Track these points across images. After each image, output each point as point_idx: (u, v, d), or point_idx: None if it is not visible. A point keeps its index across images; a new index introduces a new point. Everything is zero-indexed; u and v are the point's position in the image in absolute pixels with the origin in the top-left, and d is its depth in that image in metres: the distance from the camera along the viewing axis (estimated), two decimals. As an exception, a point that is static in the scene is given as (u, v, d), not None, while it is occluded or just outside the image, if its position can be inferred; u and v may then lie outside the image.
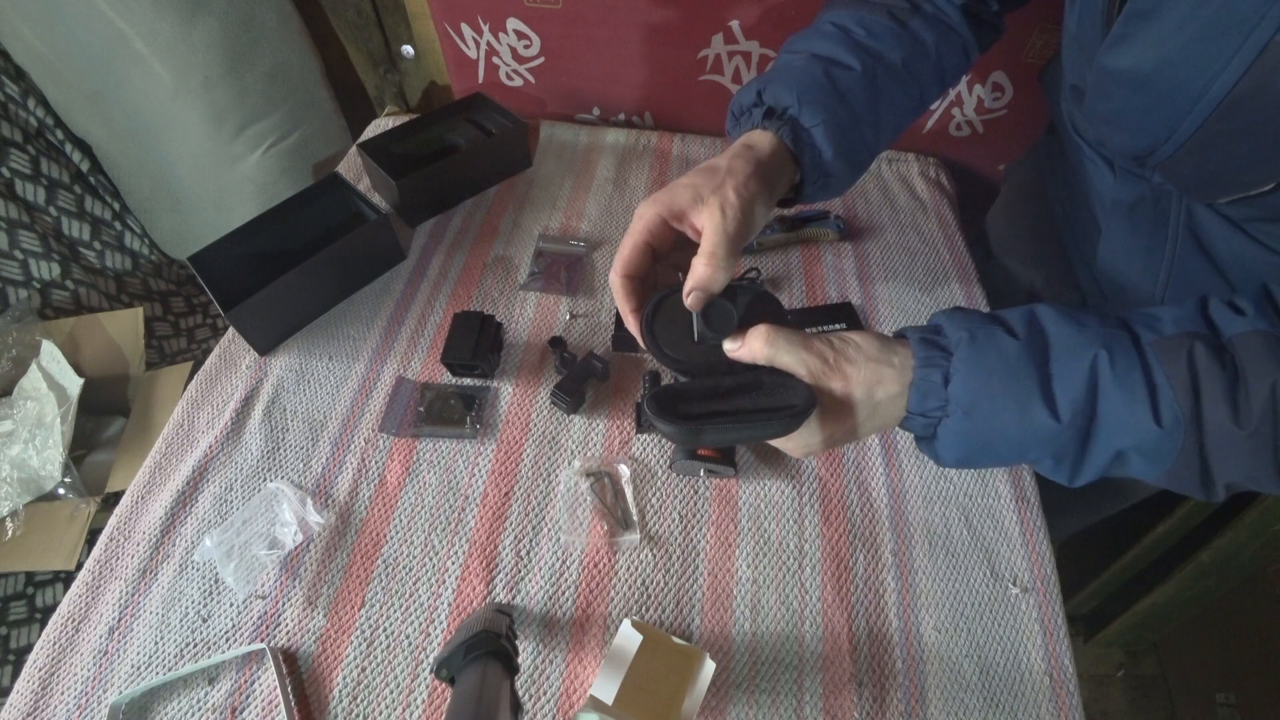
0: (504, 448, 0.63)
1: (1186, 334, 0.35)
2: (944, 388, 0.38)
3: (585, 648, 0.52)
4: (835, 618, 0.54)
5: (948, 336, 0.38)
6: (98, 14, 0.88)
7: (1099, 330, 0.37)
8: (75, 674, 0.51)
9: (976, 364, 0.37)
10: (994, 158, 0.95)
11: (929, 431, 0.39)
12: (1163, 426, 0.35)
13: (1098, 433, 0.36)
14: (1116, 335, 0.36)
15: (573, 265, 0.78)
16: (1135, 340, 0.36)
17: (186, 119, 0.98)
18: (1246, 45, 0.33)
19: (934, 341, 0.38)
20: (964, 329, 0.38)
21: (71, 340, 1.03)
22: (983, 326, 0.38)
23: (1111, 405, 0.36)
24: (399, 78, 1.00)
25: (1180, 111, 0.38)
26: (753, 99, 0.47)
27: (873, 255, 0.80)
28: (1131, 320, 0.37)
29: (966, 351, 0.37)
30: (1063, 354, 0.37)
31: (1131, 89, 0.42)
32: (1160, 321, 0.37)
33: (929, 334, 0.39)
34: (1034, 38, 0.78)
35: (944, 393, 0.38)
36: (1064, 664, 0.52)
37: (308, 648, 0.52)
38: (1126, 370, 0.35)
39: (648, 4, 0.82)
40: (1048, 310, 0.38)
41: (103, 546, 0.57)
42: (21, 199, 1.04)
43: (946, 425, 0.38)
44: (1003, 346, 0.37)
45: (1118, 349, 0.36)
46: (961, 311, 0.40)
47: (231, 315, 0.64)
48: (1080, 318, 0.38)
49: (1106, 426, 0.36)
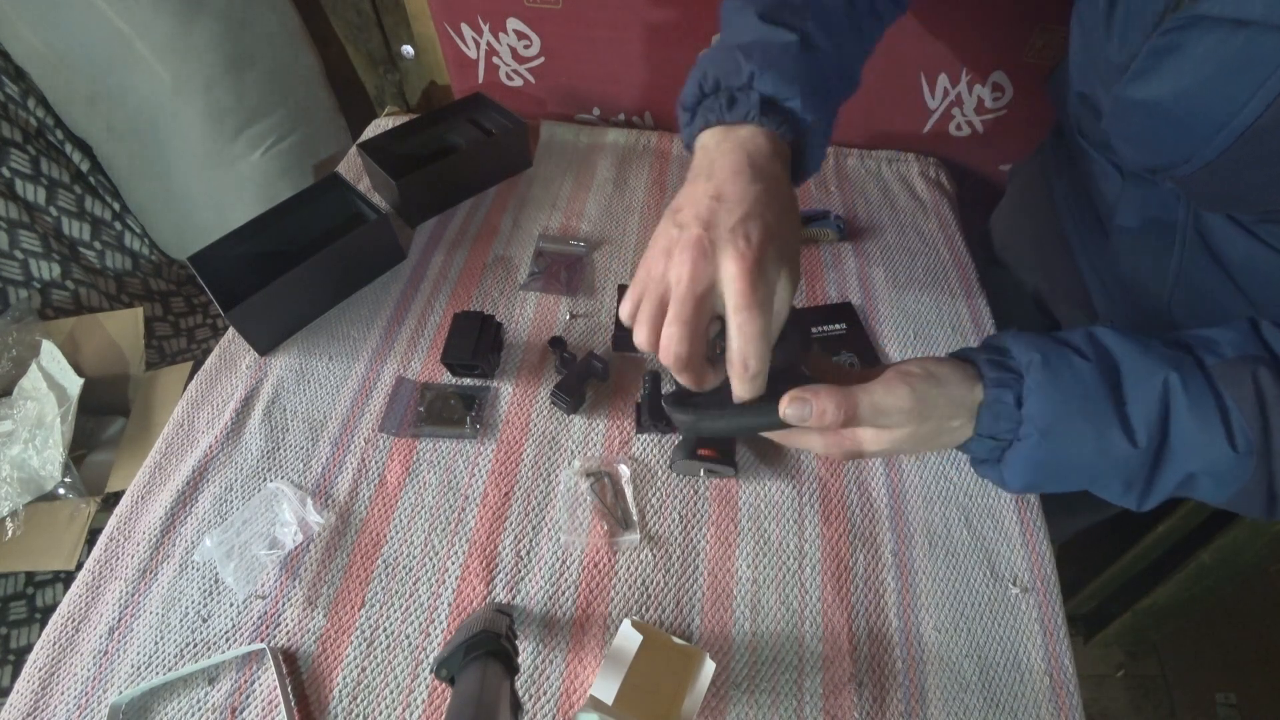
0: (504, 448, 0.63)
1: (1248, 357, 0.35)
2: (1018, 409, 0.36)
3: (585, 648, 0.52)
4: (835, 618, 0.54)
5: (1016, 358, 0.37)
6: (98, 14, 0.88)
7: (1164, 352, 0.36)
8: (75, 674, 0.51)
9: (1053, 386, 0.36)
10: (994, 158, 0.95)
11: (995, 454, 0.38)
12: (1238, 450, 0.34)
13: (1170, 457, 0.35)
14: (1182, 358, 0.36)
15: (573, 265, 0.78)
16: (1200, 363, 0.36)
17: (186, 119, 0.98)
18: (1271, 80, 0.33)
19: (1002, 363, 0.37)
20: (1035, 350, 0.37)
21: (71, 340, 1.03)
22: (1054, 348, 0.37)
23: (1184, 429, 0.35)
24: (399, 78, 1.00)
25: (1199, 140, 0.38)
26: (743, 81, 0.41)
27: (873, 255, 0.80)
28: (1189, 343, 0.37)
29: (1041, 374, 0.36)
30: (1133, 377, 0.36)
31: (1151, 117, 0.41)
32: (1218, 345, 0.36)
33: (995, 355, 0.38)
34: (1034, 37, 0.78)
35: (1018, 414, 0.36)
36: (1064, 664, 0.52)
37: (308, 648, 0.52)
38: (1199, 394, 0.35)
39: (648, 4, 0.82)
40: (1107, 332, 0.37)
41: (103, 546, 0.57)
42: (21, 199, 1.04)
43: (1018, 449, 0.37)
44: (1077, 369, 0.36)
45: (1187, 371, 0.35)
46: (1023, 333, 0.39)
47: (231, 315, 0.64)
48: (1142, 339, 0.37)
49: (1179, 450, 0.35)
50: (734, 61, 0.41)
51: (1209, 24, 0.35)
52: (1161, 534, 0.98)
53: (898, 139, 0.93)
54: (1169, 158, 0.42)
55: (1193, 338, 0.37)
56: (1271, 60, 0.33)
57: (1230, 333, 0.37)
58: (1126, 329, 0.38)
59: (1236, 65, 0.34)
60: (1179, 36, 0.37)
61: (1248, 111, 0.35)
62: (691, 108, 0.43)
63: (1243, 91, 0.34)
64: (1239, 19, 0.34)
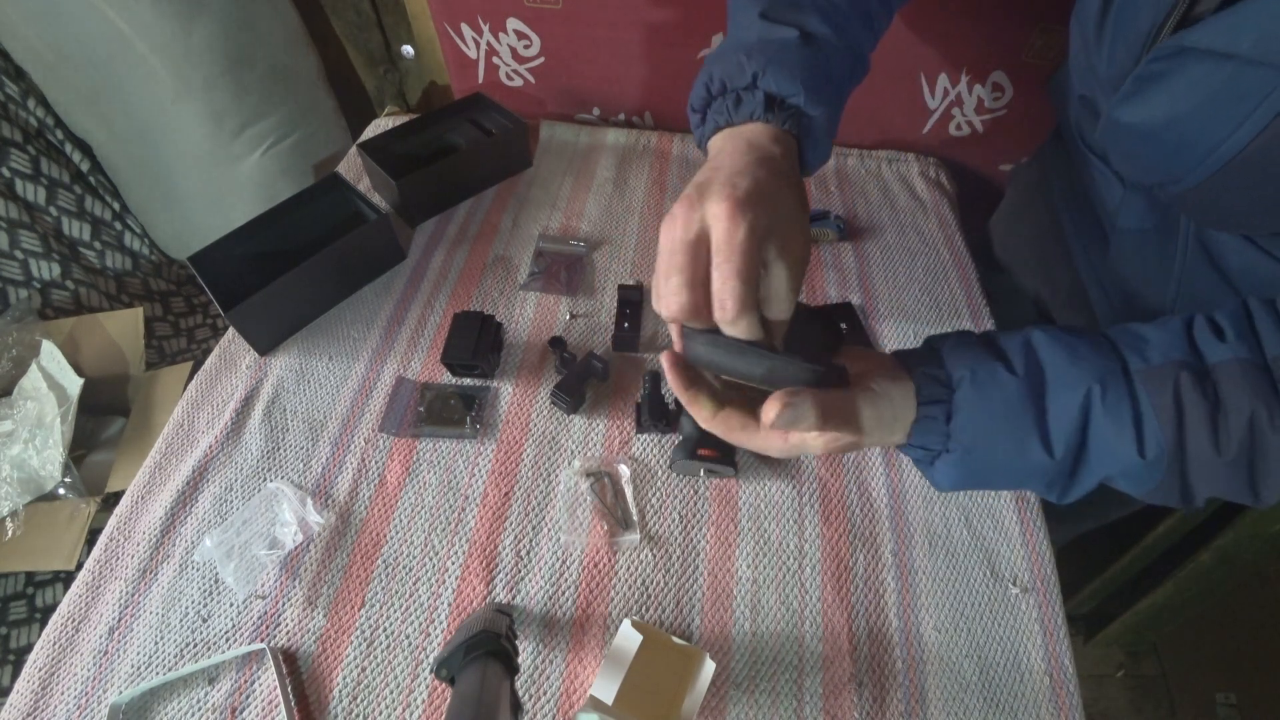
0: (504, 448, 0.63)
1: (1173, 363, 0.36)
2: (945, 424, 0.38)
3: (585, 648, 0.52)
4: (835, 618, 0.54)
5: (949, 372, 0.39)
6: (98, 14, 0.88)
7: (1092, 361, 0.37)
8: (75, 674, 0.51)
9: (978, 403, 0.38)
10: (994, 158, 0.95)
11: (927, 460, 0.40)
12: (1146, 458, 0.36)
13: (1087, 462, 0.38)
14: (1109, 366, 0.37)
15: (573, 265, 0.78)
16: (1125, 369, 0.37)
17: (186, 119, 0.98)
18: (1259, 112, 0.33)
19: (935, 377, 0.39)
20: (965, 366, 0.38)
21: (71, 340, 1.03)
22: (983, 363, 0.38)
23: (1100, 437, 0.37)
24: (399, 78, 1.00)
25: (1189, 165, 0.39)
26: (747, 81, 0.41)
27: (873, 255, 0.80)
28: (1121, 343, 0.38)
29: (968, 391, 0.38)
30: (1058, 388, 0.37)
31: (1140, 139, 0.42)
32: (1148, 346, 0.37)
33: (932, 368, 0.39)
34: (1034, 37, 0.78)
35: (945, 429, 0.38)
36: (1064, 664, 0.52)
37: (308, 648, 0.52)
38: (1116, 403, 0.36)
39: (648, 4, 0.82)
40: (1043, 337, 0.39)
41: (103, 546, 0.57)
42: (21, 199, 1.04)
43: (945, 458, 0.39)
44: (1003, 385, 0.38)
45: (1110, 382, 0.37)
46: (965, 343, 0.40)
47: (231, 315, 0.64)
48: (1075, 347, 0.38)
49: (1095, 456, 0.37)
50: (737, 63, 0.42)
51: (1196, 55, 0.36)
52: (1161, 534, 0.98)
53: (898, 139, 0.93)
54: (1159, 177, 0.43)
55: (1126, 338, 0.38)
56: (1258, 93, 0.33)
57: (1162, 333, 0.38)
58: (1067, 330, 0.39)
59: (1223, 97, 0.35)
60: (1166, 65, 0.38)
61: (1233, 141, 0.35)
62: (701, 110, 0.44)
63: (1229, 122, 0.35)
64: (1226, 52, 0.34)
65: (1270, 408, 0.34)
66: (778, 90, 0.41)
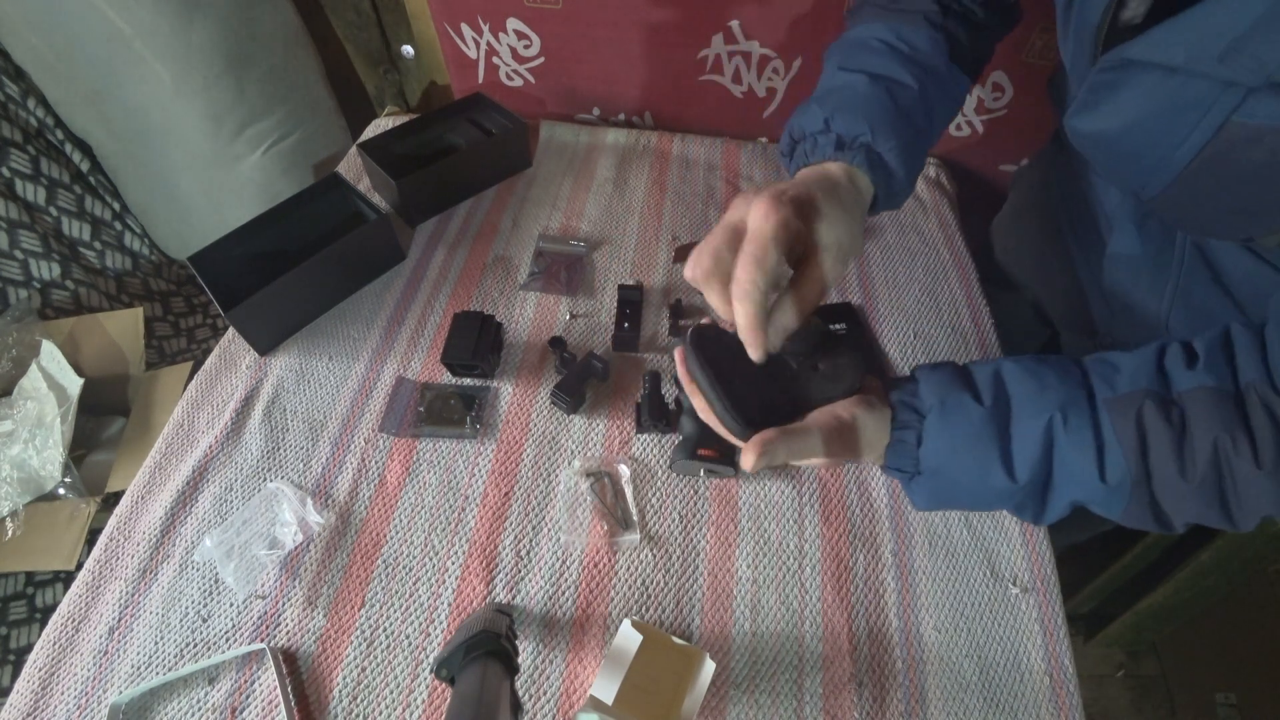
0: (504, 448, 0.63)
1: (1139, 391, 0.38)
2: (916, 449, 0.42)
3: (585, 648, 0.52)
4: (835, 618, 0.54)
5: (921, 400, 0.42)
6: (98, 14, 0.88)
7: (1058, 390, 0.40)
8: (75, 674, 0.51)
9: (944, 431, 0.41)
10: (994, 158, 0.95)
11: (904, 480, 0.44)
12: (1107, 483, 0.38)
13: (1054, 487, 0.40)
14: (1074, 395, 0.39)
15: (573, 265, 0.78)
16: (1090, 397, 0.39)
17: (186, 119, 0.98)
18: (1204, 123, 0.34)
19: (910, 404, 0.42)
20: (936, 395, 0.42)
21: (71, 340, 1.03)
22: (952, 393, 0.42)
23: (1064, 462, 0.39)
24: (399, 78, 1.00)
25: (1147, 173, 0.39)
26: (820, 126, 0.47)
27: (873, 255, 0.80)
28: (1091, 372, 0.40)
29: (936, 418, 0.41)
30: (1022, 415, 0.40)
31: (1102, 148, 0.43)
32: (1118, 375, 0.39)
33: (907, 396, 0.43)
34: (1034, 37, 0.78)
35: (916, 453, 0.42)
36: (1064, 664, 0.52)
37: (308, 648, 0.52)
38: (1078, 429, 0.38)
39: (648, 4, 0.82)
40: (1013, 368, 0.42)
41: (103, 546, 0.57)
42: (21, 199, 1.04)
43: (917, 479, 0.43)
44: (970, 414, 0.41)
45: (1072, 410, 0.39)
46: (939, 372, 0.43)
47: (231, 315, 0.64)
48: (1043, 376, 0.41)
49: (1061, 482, 0.40)
50: (813, 112, 0.48)
51: (1141, 66, 0.36)
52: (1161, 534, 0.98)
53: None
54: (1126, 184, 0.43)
55: (1098, 367, 0.40)
56: (1202, 104, 0.33)
57: (1134, 360, 0.39)
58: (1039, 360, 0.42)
59: (1170, 107, 0.35)
60: (1114, 75, 0.38)
61: (1184, 150, 0.36)
62: (789, 154, 0.50)
63: (1178, 132, 0.35)
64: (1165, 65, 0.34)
65: (1234, 435, 0.35)
66: (846, 131, 0.46)
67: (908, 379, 0.45)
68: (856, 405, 0.42)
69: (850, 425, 0.41)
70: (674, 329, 0.71)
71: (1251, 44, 0.30)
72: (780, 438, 0.40)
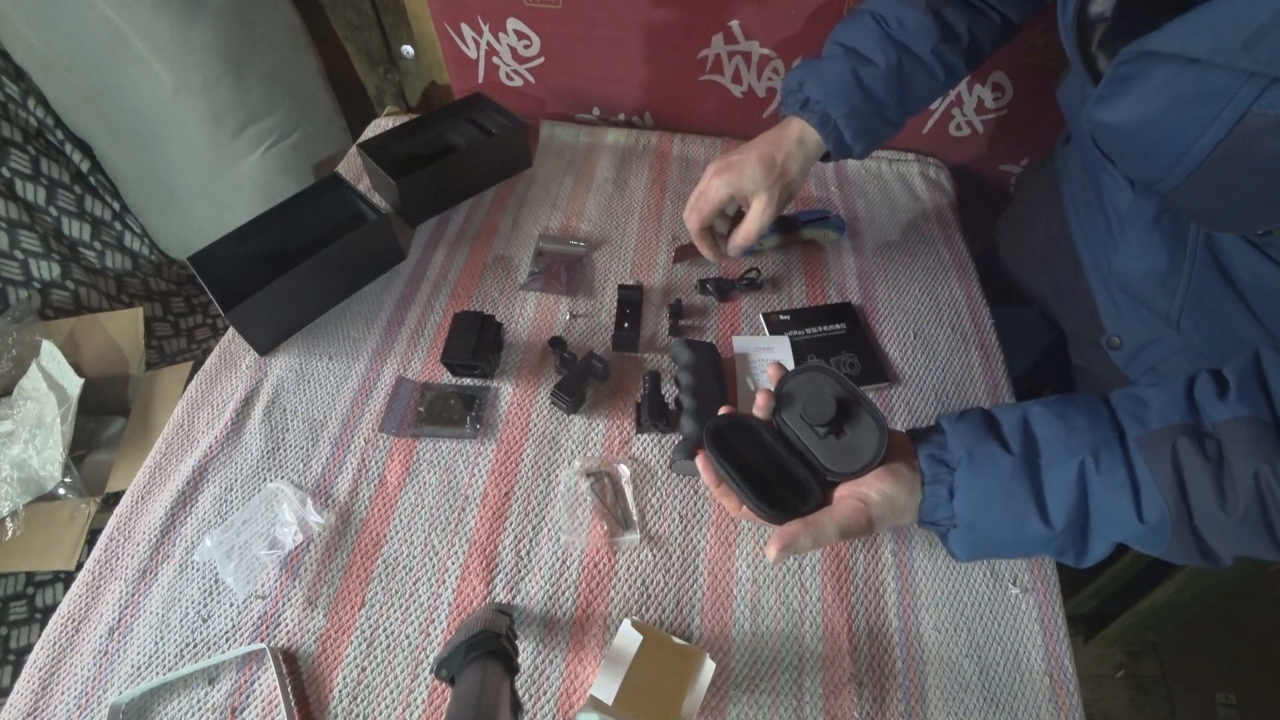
0: (504, 448, 0.63)
1: (1171, 427, 0.37)
2: (949, 501, 0.42)
3: (585, 648, 0.52)
4: (835, 618, 0.54)
5: (950, 452, 0.42)
6: (98, 14, 0.88)
7: (1087, 433, 0.39)
8: (75, 674, 0.51)
9: (975, 484, 0.41)
10: (994, 158, 0.95)
11: (941, 533, 0.44)
12: (1145, 523, 0.37)
13: (1092, 530, 0.40)
14: (1104, 435, 0.39)
15: (573, 265, 0.78)
16: (1122, 437, 0.38)
17: (186, 119, 0.98)
18: (1224, 114, 0.34)
19: (939, 458, 0.42)
20: (964, 447, 0.42)
21: (71, 340, 1.03)
22: (980, 443, 0.41)
23: (1100, 505, 0.38)
24: (399, 78, 1.00)
25: (1167, 164, 0.39)
26: (796, 86, 0.62)
27: (873, 255, 0.80)
28: (1119, 410, 0.40)
29: (966, 471, 0.41)
30: (1053, 461, 0.40)
31: (1123, 140, 0.43)
32: (1148, 411, 0.39)
33: (935, 449, 0.43)
34: (1034, 37, 0.78)
35: (950, 506, 0.42)
36: (1064, 664, 0.52)
37: (308, 648, 0.52)
38: (1111, 471, 0.38)
39: (648, 4, 0.82)
40: (1040, 412, 0.41)
41: (103, 546, 0.57)
42: (21, 199, 1.04)
43: (953, 533, 0.42)
44: (999, 464, 0.40)
45: (1104, 451, 0.38)
46: (965, 422, 0.43)
47: (231, 315, 0.64)
48: (1070, 418, 0.40)
49: (1099, 525, 0.39)
50: (798, 73, 0.62)
51: (1160, 59, 0.36)
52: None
53: (898, 139, 0.93)
54: (1147, 175, 0.43)
55: (1125, 404, 0.40)
56: (1222, 95, 0.34)
57: (1163, 395, 0.39)
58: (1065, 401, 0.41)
59: (1190, 99, 0.36)
60: (1134, 68, 0.38)
61: (1205, 141, 0.36)
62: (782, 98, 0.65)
63: (1198, 123, 0.36)
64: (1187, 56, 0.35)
65: (1275, 465, 0.34)
66: (811, 95, 0.60)
67: (934, 430, 0.45)
68: (881, 480, 0.42)
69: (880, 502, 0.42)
70: (674, 329, 0.71)
71: (1273, 35, 0.31)
72: (803, 530, 0.42)
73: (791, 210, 0.83)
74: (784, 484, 0.45)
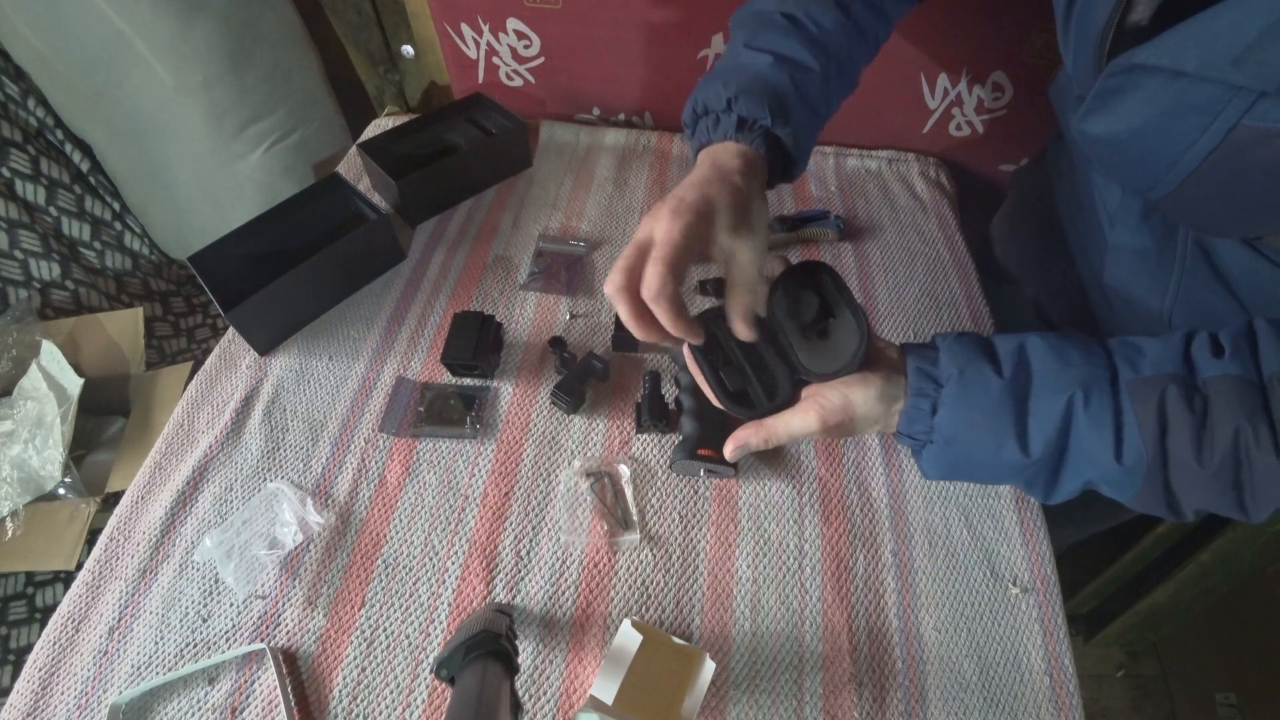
0: (504, 448, 0.63)
1: (1163, 375, 0.37)
2: (931, 416, 0.42)
3: (585, 648, 0.52)
4: (835, 618, 0.54)
5: (941, 369, 0.42)
6: (98, 14, 0.88)
7: (1081, 369, 0.39)
8: (75, 674, 0.51)
9: (962, 401, 0.41)
10: (994, 157, 0.95)
11: (916, 448, 0.44)
12: (1123, 465, 0.38)
13: (1068, 465, 0.40)
14: (1097, 374, 0.39)
15: (573, 265, 0.78)
16: (1114, 378, 0.39)
17: (186, 119, 0.98)
18: (1215, 126, 0.34)
19: (927, 372, 0.42)
20: (956, 364, 0.42)
21: (71, 340, 1.03)
22: (972, 363, 0.41)
23: (1081, 441, 0.39)
24: (399, 78, 1.00)
25: (1157, 173, 0.39)
26: (723, 105, 0.48)
27: (873, 255, 0.80)
28: (1116, 354, 0.40)
29: (955, 388, 0.41)
30: (1043, 391, 0.40)
31: (1110, 150, 0.43)
32: (1142, 358, 0.39)
33: (926, 364, 0.43)
34: (1034, 37, 0.78)
35: (930, 421, 0.42)
36: (1064, 664, 0.52)
37: (308, 648, 0.52)
38: (1099, 410, 0.38)
39: (648, 4, 0.82)
40: (1038, 343, 0.41)
41: (103, 546, 0.57)
42: (21, 199, 1.04)
43: (930, 448, 0.43)
44: (989, 385, 0.40)
45: (1094, 389, 0.38)
46: (962, 341, 0.43)
47: (231, 315, 0.64)
48: (1066, 354, 0.40)
49: (1075, 460, 0.39)
50: (716, 89, 0.48)
51: (1148, 71, 0.36)
52: (1161, 534, 0.98)
53: (898, 139, 0.93)
54: (1136, 185, 0.43)
55: (1123, 349, 0.40)
56: (1212, 109, 0.34)
57: (1159, 346, 0.39)
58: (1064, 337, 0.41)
59: (1178, 111, 0.36)
60: (1122, 80, 0.38)
61: (1194, 153, 0.36)
62: (691, 125, 0.51)
63: (1187, 135, 0.36)
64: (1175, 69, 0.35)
65: (1256, 425, 0.35)
66: (747, 114, 0.47)
67: (928, 345, 0.44)
68: (849, 385, 0.42)
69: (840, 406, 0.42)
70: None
71: (1262, 50, 0.31)
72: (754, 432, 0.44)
73: (791, 209, 0.83)
74: (761, 379, 0.45)
